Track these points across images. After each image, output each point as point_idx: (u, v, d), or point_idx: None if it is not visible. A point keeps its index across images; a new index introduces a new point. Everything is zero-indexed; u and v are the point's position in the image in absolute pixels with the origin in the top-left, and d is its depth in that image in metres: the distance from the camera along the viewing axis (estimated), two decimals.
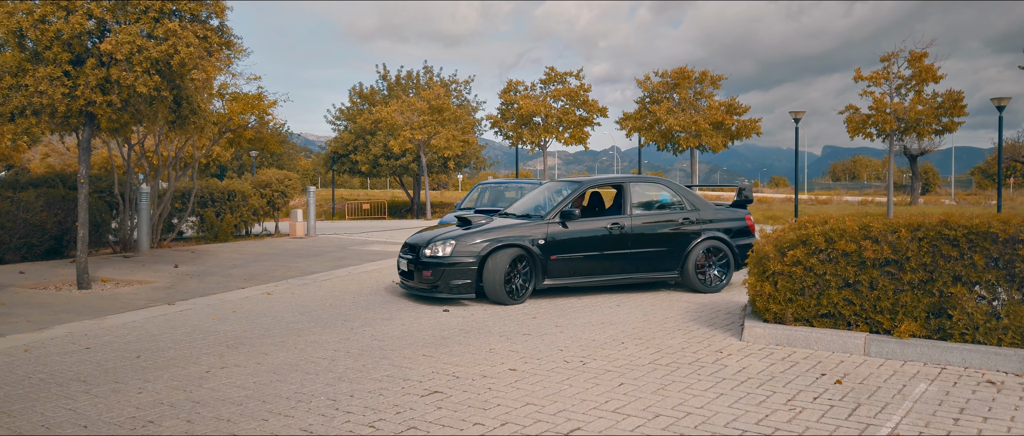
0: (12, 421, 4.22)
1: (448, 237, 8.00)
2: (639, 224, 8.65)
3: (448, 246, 7.93)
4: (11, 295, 8.60)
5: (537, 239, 8.12)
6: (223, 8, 9.02)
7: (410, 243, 8.51)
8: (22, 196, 11.49)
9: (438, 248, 7.96)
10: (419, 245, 8.20)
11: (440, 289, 7.86)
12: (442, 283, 7.83)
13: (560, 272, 8.23)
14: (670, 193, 9.17)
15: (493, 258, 7.87)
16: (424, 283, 7.95)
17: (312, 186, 18.32)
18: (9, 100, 8.54)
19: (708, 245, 8.83)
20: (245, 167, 44.00)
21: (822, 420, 4.12)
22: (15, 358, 5.74)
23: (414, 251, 8.26)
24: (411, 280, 8.23)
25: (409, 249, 8.43)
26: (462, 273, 7.84)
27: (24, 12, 8.36)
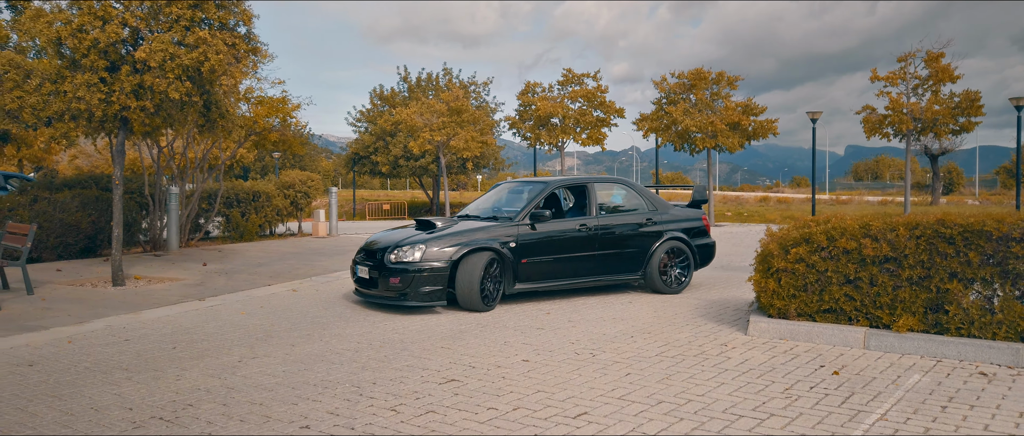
0: (62, 403, 4.59)
1: (416, 241, 7.53)
2: (605, 225, 8.48)
3: (417, 250, 7.45)
4: (51, 291, 9.04)
5: (508, 242, 7.77)
6: (250, 16, 9.40)
7: (368, 249, 8.01)
8: (58, 197, 11.98)
9: (406, 253, 7.46)
10: (381, 250, 7.70)
11: (409, 297, 7.35)
12: (412, 290, 7.32)
13: (531, 276, 7.93)
14: (631, 194, 9.06)
15: (466, 262, 7.46)
16: (391, 291, 7.41)
17: (334, 187, 18.75)
18: (49, 105, 8.98)
19: (670, 246, 8.75)
20: (268, 168, 44.72)
21: (816, 407, 4.37)
22: (60, 348, 6.13)
23: (375, 257, 7.75)
24: (374, 288, 7.68)
25: (368, 255, 7.91)
26: (433, 279, 7.36)
27: (62, 22, 8.78)
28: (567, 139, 24.87)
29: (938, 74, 17.74)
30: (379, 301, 7.69)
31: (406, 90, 41.10)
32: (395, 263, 7.50)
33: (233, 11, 9.27)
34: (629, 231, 8.63)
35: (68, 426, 4.16)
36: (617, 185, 9.22)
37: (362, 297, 8.01)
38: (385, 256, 7.60)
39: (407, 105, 33.75)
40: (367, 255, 7.97)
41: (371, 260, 7.80)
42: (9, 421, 4.26)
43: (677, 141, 21.55)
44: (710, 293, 8.84)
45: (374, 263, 7.70)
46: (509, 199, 8.87)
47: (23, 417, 4.33)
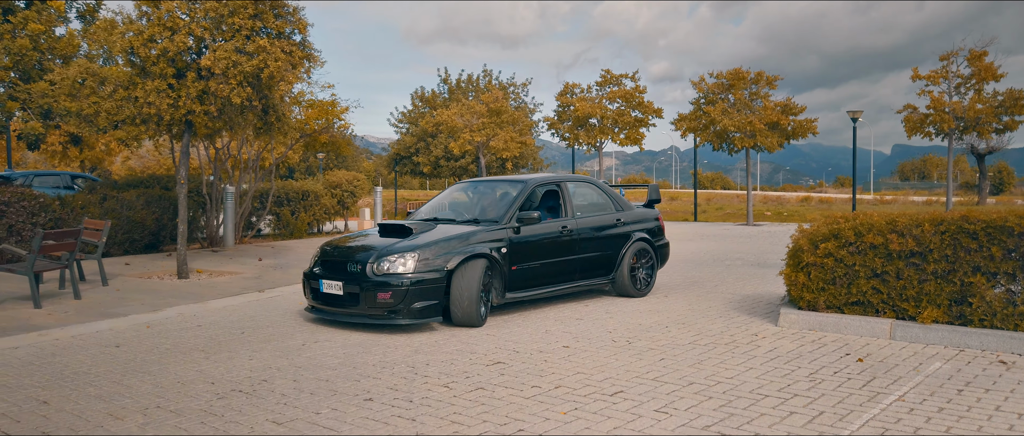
0: (152, 378, 5.14)
1: (405, 248, 6.64)
2: (582, 227, 8.02)
3: (409, 260, 6.53)
4: (123, 283, 9.73)
5: (500, 247, 7.08)
6: (305, 25, 9.97)
7: (333, 260, 6.97)
8: (125, 196, 12.76)
9: (396, 263, 6.50)
10: (357, 261, 6.68)
11: (401, 314, 6.42)
12: (404, 306, 6.39)
13: (520, 284, 7.32)
14: (599, 193, 8.65)
15: (462, 272, 6.65)
16: (378, 308, 6.42)
17: (379, 187, 19.38)
18: (122, 110, 9.67)
19: (638, 247, 8.45)
20: (312, 169, 45.81)
21: (838, 389, 4.68)
22: (140, 333, 6.73)
23: (346, 269, 6.75)
24: (351, 306, 6.62)
25: (334, 267, 6.88)
26: (430, 292, 6.49)
27: (134, 33, 9.46)
28: (605, 139, 25.16)
29: (981, 72, 17.60)
30: (358, 321, 6.62)
31: (446, 92, 41.80)
32: (385, 275, 6.48)
33: (289, 20, 9.85)
34: (603, 233, 8.22)
35: (160, 396, 4.70)
36: (587, 184, 8.68)
37: (325, 316, 6.91)
38: (367, 268, 6.53)
39: (447, 106, 34.39)
40: (333, 267, 6.90)
41: (340, 273, 6.76)
42: (109, 392, 4.82)
43: (715, 141, 21.67)
44: (745, 288, 9.12)
45: (348, 276, 6.65)
46: (477, 200, 8.22)
47: (120, 389, 4.89)
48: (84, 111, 9.85)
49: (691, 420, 4.12)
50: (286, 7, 9.76)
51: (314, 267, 7.19)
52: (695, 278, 10.13)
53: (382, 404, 4.47)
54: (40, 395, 4.75)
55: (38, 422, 4.23)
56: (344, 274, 6.76)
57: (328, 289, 6.84)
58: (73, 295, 8.49)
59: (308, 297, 7.19)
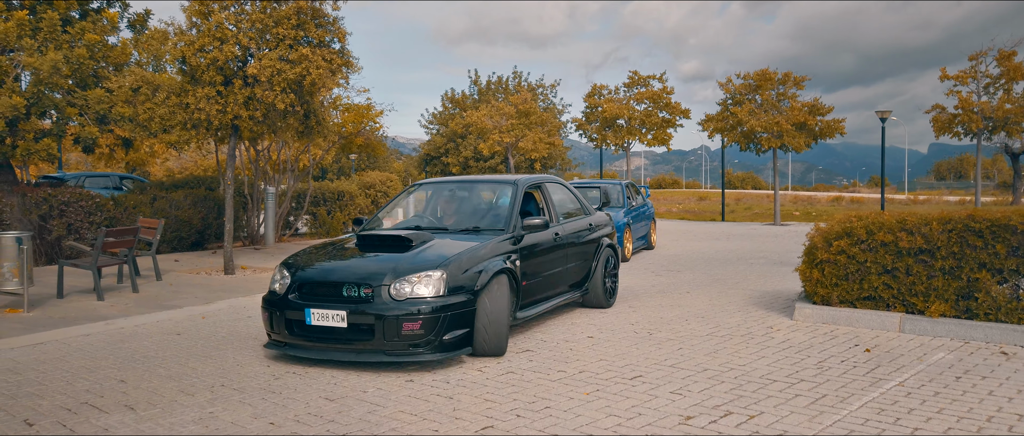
0: (213, 361, 5.68)
1: (428, 264, 5.39)
2: (567, 233, 7.19)
3: (436, 279, 5.30)
4: (175, 278, 10.37)
5: (514, 259, 6.09)
6: (344, 34, 10.51)
7: (318, 280, 5.52)
8: (173, 196, 13.45)
9: (422, 284, 5.27)
10: (360, 281, 5.33)
11: (430, 347, 5.21)
12: (435, 338, 5.20)
13: (528, 301, 6.42)
14: (571, 196, 7.92)
15: (489, 292, 5.57)
16: (400, 342, 5.14)
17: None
18: (174, 115, 10.31)
19: (607, 254, 7.81)
20: (344, 169, 46.72)
21: (843, 375, 5.04)
22: (197, 323, 7.30)
23: (343, 294, 5.37)
24: (362, 340, 5.24)
25: (324, 291, 5.45)
26: (461, 318, 5.35)
27: (186, 43, 10.08)
28: (633, 140, 25.46)
29: (1010, 72, 17.58)
30: (365, 360, 5.21)
31: (476, 93, 42.36)
32: (406, 300, 5.22)
33: (330, 29, 10.41)
34: (581, 240, 7.43)
35: (223, 376, 5.23)
36: (560, 186, 7.82)
37: (312, 356, 5.36)
38: (383, 290, 5.23)
39: (477, 108, 34.94)
40: (321, 291, 5.46)
41: (336, 299, 5.37)
42: (177, 372, 5.36)
43: (742, 141, 21.87)
44: (764, 285, 9.43)
45: (353, 303, 5.29)
46: (456, 205, 7.19)
47: (186, 370, 5.43)
48: (140, 117, 10.51)
49: (703, 401, 4.51)
50: (327, 17, 10.32)
51: (288, 292, 5.54)
52: (718, 276, 10.46)
53: (421, 385, 4.94)
54: (117, 375, 5.30)
55: (119, 397, 4.77)
56: (343, 300, 5.32)
57: (320, 321, 5.27)
58: (131, 288, 9.13)
59: (278, 330, 5.54)
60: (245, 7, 10.17)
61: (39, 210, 11.26)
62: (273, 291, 5.76)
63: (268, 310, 5.68)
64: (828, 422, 4.09)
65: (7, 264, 7.66)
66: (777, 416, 4.20)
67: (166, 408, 4.52)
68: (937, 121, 18.66)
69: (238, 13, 10.17)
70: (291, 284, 5.61)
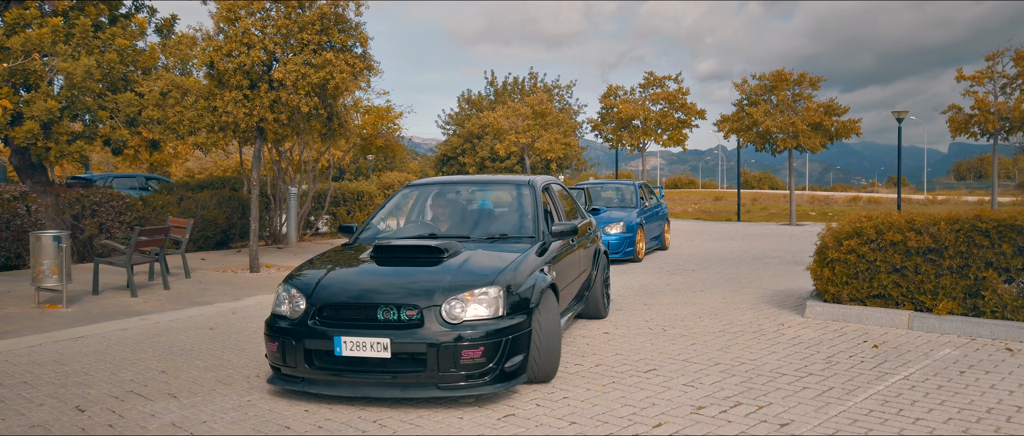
0: (246, 353, 5.97)
1: (479, 280, 4.62)
2: (578, 238, 6.59)
3: (493, 297, 4.55)
4: (203, 275, 10.71)
5: (551, 270, 5.42)
6: (366, 38, 10.80)
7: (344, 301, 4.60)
8: (199, 196, 13.82)
9: (480, 301, 4.52)
10: (402, 301, 4.48)
11: (490, 376, 4.44)
12: (497, 365, 4.44)
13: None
14: (570, 200, 7.38)
15: (543, 309, 4.85)
16: (459, 372, 4.35)
17: None
18: (203, 118, 10.65)
19: (604, 261, 7.32)
20: (362, 170, 47.20)
21: (850, 369, 5.24)
22: (227, 318, 7.60)
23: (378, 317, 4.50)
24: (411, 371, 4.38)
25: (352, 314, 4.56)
26: (520, 342, 4.59)
27: (214, 48, 10.41)
28: (648, 140, 25.62)
29: None
30: (412, 396, 4.36)
31: (492, 94, 42.66)
32: (465, 323, 4.43)
33: (352, 34, 10.70)
34: (587, 246, 6.91)
35: (257, 368, 5.51)
36: (558, 186, 7.09)
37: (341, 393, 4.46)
38: (434, 311, 4.43)
39: (493, 109, 35.21)
40: (356, 316, 4.56)
41: (371, 323, 4.50)
42: (213, 364, 5.65)
43: (758, 142, 21.97)
44: (778, 284, 9.61)
45: (396, 328, 4.42)
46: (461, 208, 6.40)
47: (221, 361, 5.72)
48: (170, 120, 10.86)
49: (714, 393, 4.73)
50: (349, 22, 10.62)
51: (306, 316, 4.59)
52: (732, 275, 10.64)
53: None
54: (158, 366, 5.61)
55: (162, 386, 5.06)
56: (381, 325, 4.46)
57: (355, 350, 4.39)
58: (162, 285, 9.47)
59: (293, 363, 4.55)
60: (271, 13, 10.49)
61: (72, 210, 11.65)
62: (282, 316, 4.73)
63: (278, 339, 4.59)
64: (833, 412, 4.29)
65: (47, 262, 8.00)
66: (785, 407, 4.42)
67: (206, 397, 4.81)
68: (953, 121, 18.68)
69: (264, 19, 10.49)
70: (309, 306, 4.61)
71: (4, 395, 4.87)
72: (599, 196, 13.92)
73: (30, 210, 11.09)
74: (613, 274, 10.73)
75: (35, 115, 11.23)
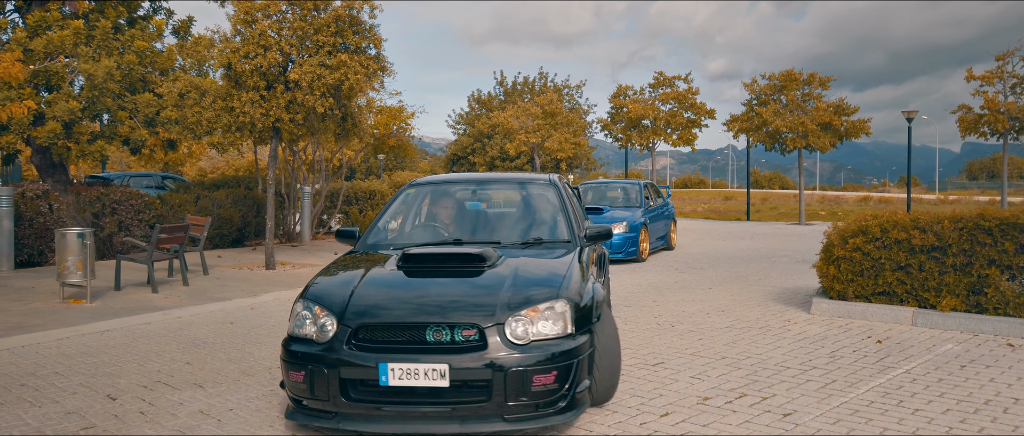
0: (266, 347, 6.17)
1: (542, 293, 4.03)
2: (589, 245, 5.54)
3: (560, 312, 3.96)
4: (220, 272, 10.94)
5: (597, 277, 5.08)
6: (380, 40, 11.00)
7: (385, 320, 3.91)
8: (215, 195, 14.07)
9: (544, 320, 3.91)
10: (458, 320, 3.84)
11: (562, 404, 3.86)
12: (569, 390, 3.87)
13: None
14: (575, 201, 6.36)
15: (605, 324, 4.34)
16: (528, 400, 3.76)
17: None
18: (220, 118, 10.88)
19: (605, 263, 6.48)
20: (372, 169, 47.51)
21: (853, 364, 5.38)
22: (246, 313, 7.82)
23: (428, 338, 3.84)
24: (474, 401, 3.74)
25: (410, 334, 3.86)
26: (589, 363, 4.07)
27: (231, 50, 10.63)
28: (657, 140, 25.74)
29: None
30: (474, 430, 3.73)
31: (502, 94, 42.86)
32: (531, 344, 3.83)
33: (366, 36, 10.90)
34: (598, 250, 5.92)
35: (277, 361, 5.69)
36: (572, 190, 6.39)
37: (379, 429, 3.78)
38: (495, 333, 3.80)
39: (503, 108, 35.42)
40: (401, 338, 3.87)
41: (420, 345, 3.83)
42: (236, 356, 5.86)
43: (767, 141, 22.03)
44: (785, 282, 9.74)
45: (449, 352, 3.76)
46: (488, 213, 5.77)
47: (243, 354, 5.92)
48: (189, 120, 11.09)
49: (720, 385, 4.89)
50: (363, 24, 10.82)
51: (343, 340, 3.85)
52: (740, 273, 10.78)
53: None
54: (182, 358, 5.82)
55: (188, 377, 5.27)
56: (433, 347, 3.81)
57: (406, 379, 3.71)
58: (182, 282, 9.70)
59: (323, 395, 3.82)
60: (287, 16, 10.70)
61: (92, 208, 11.91)
62: (305, 339, 3.99)
63: (303, 367, 3.86)
64: (835, 403, 4.44)
65: (71, 258, 8.24)
66: (788, 398, 4.57)
67: (231, 386, 5.01)
68: (963, 121, 18.72)
69: (280, 21, 10.70)
70: (341, 328, 3.88)
71: (38, 384, 5.09)
72: (604, 196, 14.04)
73: (52, 208, 11.36)
74: (621, 273, 10.90)
75: (57, 115, 11.50)
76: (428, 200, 5.86)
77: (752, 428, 4.06)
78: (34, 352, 6.02)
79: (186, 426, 4.23)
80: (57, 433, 4.13)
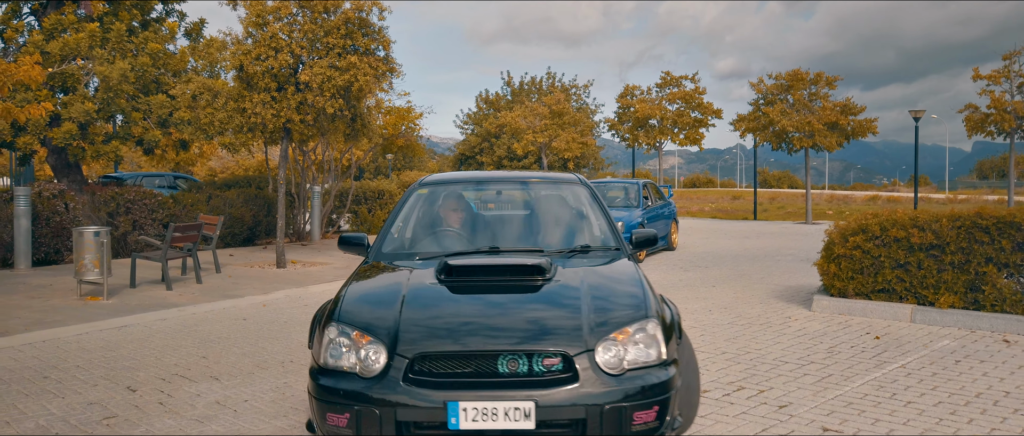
0: (279, 342, 6.35)
1: (629, 313, 3.42)
2: None
3: (652, 334, 3.34)
4: (232, 270, 11.14)
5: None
6: (389, 42, 11.18)
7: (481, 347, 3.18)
8: (227, 195, 14.29)
9: (638, 344, 3.28)
10: (533, 349, 3.16)
11: None
12: (667, 426, 3.27)
13: None
14: None
15: (685, 345, 3.79)
16: None
17: None
18: (232, 119, 11.09)
19: None
20: (381, 168, 47.79)
21: (851, 359, 5.51)
22: (259, 310, 8.01)
23: (498, 367, 3.15)
24: None
25: (479, 365, 3.16)
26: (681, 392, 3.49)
27: (243, 52, 10.83)
28: (664, 140, 25.84)
29: None
30: None
31: (509, 94, 43.04)
32: (627, 373, 3.19)
33: (375, 38, 11.08)
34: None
35: (290, 354, 5.89)
36: None
37: None
38: (584, 361, 3.14)
39: (511, 108, 35.60)
40: (468, 369, 3.17)
41: (495, 380, 3.13)
42: (250, 351, 6.04)
43: (774, 141, 22.10)
44: (788, 281, 9.86)
45: (530, 386, 3.10)
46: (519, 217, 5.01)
47: (257, 348, 6.11)
48: (201, 121, 11.31)
49: (719, 378, 5.04)
50: (372, 27, 11.00)
51: (399, 373, 3.13)
52: (744, 272, 10.90)
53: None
54: (198, 352, 6.01)
55: (204, 370, 5.46)
56: (508, 380, 3.13)
57: (483, 421, 3.05)
58: (195, 279, 9.91)
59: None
60: (297, 18, 10.90)
61: (107, 208, 12.14)
62: (345, 372, 3.23)
63: (347, 408, 3.14)
64: (830, 396, 4.58)
65: (89, 256, 8.45)
66: (785, 391, 4.71)
67: (245, 379, 5.19)
68: (969, 120, 18.75)
69: (291, 24, 10.90)
70: (394, 359, 3.16)
71: (61, 377, 5.28)
72: (603, 195, 14.16)
73: (68, 208, 11.59)
74: None
75: (73, 116, 11.74)
76: (446, 201, 4.95)
77: (748, 419, 4.20)
78: (55, 347, 6.22)
79: (204, 416, 4.41)
80: (82, 422, 4.32)
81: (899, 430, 3.99)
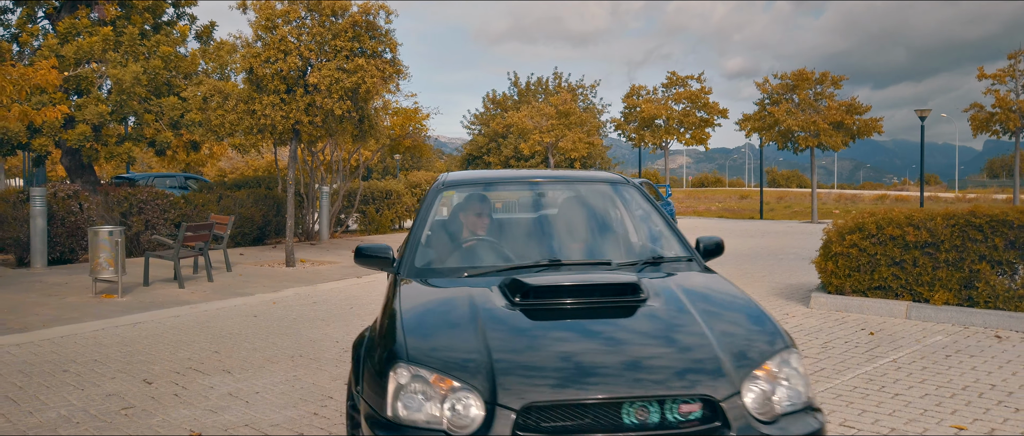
0: (289, 338, 6.54)
1: (768, 345, 2.74)
2: None
3: (795, 369, 2.69)
4: (243, 269, 11.36)
5: None
6: (395, 44, 11.37)
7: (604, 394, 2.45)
8: (237, 195, 14.53)
9: (784, 381, 2.64)
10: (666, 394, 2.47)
11: None
12: None
13: None
14: None
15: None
16: None
17: None
18: (243, 121, 11.30)
19: None
20: (388, 169, 48.06)
21: (844, 353, 5.65)
22: (269, 307, 8.21)
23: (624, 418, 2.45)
24: None
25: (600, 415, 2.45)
26: None
27: (253, 55, 11.05)
28: (670, 139, 25.95)
29: None
30: None
31: (516, 94, 43.23)
32: (779, 419, 2.56)
33: (382, 41, 11.28)
34: None
35: (299, 349, 6.08)
36: None
37: None
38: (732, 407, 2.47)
39: (518, 109, 35.77)
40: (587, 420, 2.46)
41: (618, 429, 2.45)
42: (260, 346, 6.24)
43: (780, 140, 22.20)
44: (789, 278, 9.99)
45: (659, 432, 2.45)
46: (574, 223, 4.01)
47: (268, 344, 6.30)
48: (212, 123, 11.54)
49: None
50: (379, 29, 11.19)
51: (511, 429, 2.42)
52: (746, 270, 11.03)
53: None
54: (211, 347, 6.21)
55: (216, 364, 5.65)
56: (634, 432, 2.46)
57: None
58: (206, 278, 10.13)
59: None
60: (306, 22, 11.10)
61: (120, 208, 12.39)
62: (426, 428, 2.53)
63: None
64: (820, 389, 4.73)
65: (104, 255, 8.68)
66: None
67: (256, 373, 5.38)
68: (975, 119, 18.79)
69: (299, 27, 11.11)
70: (496, 410, 2.46)
71: (79, 370, 5.49)
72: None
73: (82, 208, 11.84)
74: None
75: (87, 118, 11.98)
76: (481, 205, 4.13)
77: None
78: (73, 342, 6.44)
79: (217, 406, 4.60)
80: (101, 412, 4.52)
81: (884, 420, 4.14)
